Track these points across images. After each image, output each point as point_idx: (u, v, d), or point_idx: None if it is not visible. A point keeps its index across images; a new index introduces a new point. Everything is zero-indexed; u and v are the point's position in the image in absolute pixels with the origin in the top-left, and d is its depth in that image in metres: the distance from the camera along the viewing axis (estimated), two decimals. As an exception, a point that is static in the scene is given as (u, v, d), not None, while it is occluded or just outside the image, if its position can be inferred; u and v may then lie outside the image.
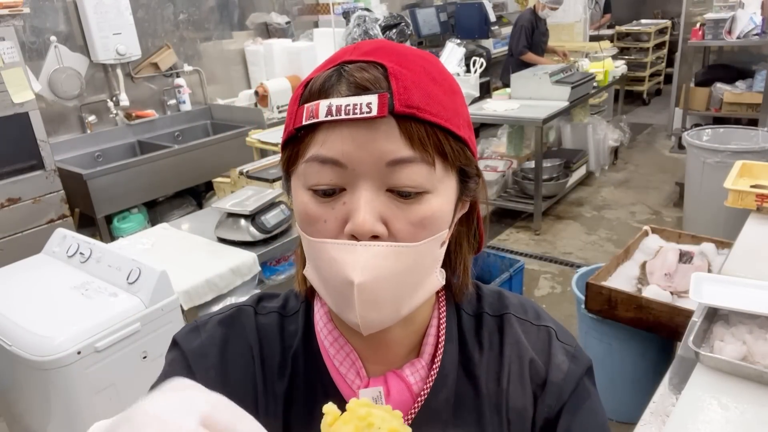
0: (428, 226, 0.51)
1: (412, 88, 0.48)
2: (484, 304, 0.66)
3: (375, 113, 0.47)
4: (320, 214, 0.51)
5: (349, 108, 0.48)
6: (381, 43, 0.53)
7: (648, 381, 2.08)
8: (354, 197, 0.49)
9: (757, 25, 4.75)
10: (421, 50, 0.56)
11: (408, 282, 0.52)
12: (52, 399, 1.57)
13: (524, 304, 0.67)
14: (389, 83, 0.48)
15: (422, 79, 0.50)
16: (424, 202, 0.50)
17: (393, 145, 0.48)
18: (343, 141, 0.48)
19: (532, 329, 0.65)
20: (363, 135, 0.48)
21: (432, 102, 0.49)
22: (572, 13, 6.34)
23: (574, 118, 5.11)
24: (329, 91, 0.49)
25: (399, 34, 2.67)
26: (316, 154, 0.49)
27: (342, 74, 0.50)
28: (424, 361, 0.60)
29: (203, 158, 3.50)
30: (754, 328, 1.36)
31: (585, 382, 0.63)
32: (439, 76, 0.53)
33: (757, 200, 2.01)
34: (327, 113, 0.48)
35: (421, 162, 0.49)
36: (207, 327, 0.63)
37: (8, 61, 2.71)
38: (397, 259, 0.50)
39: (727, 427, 1.13)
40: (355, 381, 0.59)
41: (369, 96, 0.47)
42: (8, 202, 2.81)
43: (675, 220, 4.17)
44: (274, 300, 0.67)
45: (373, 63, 0.50)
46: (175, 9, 3.97)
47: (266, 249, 2.04)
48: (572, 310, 3.03)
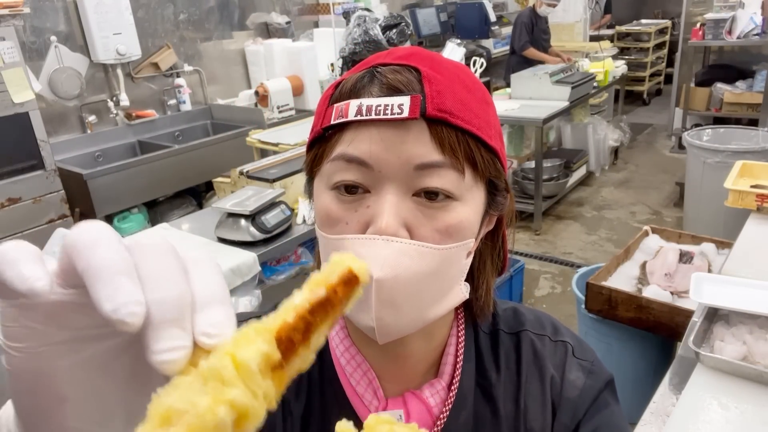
0: (454, 235, 0.49)
1: (445, 93, 0.47)
2: (499, 321, 0.64)
3: (406, 114, 0.46)
4: (342, 216, 0.49)
5: (380, 108, 0.46)
6: (415, 49, 0.53)
7: (648, 381, 2.08)
8: (378, 200, 0.48)
9: (758, 25, 4.75)
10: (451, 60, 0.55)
11: (430, 287, 0.49)
12: (52, 399, 1.57)
13: (541, 320, 0.66)
14: (422, 86, 0.47)
15: (455, 85, 0.49)
16: (450, 209, 0.48)
17: (423, 149, 0.47)
18: (371, 141, 0.47)
19: (550, 345, 0.63)
20: (392, 136, 0.47)
21: (464, 109, 0.48)
22: (572, 13, 6.34)
23: (574, 118, 5.11)
24: (360, 92, 0.49)
25: (399, 34, 2.67)
26: (343, 152, 0.48)
27: (375, 75, 0.49)
28: (443, 381, 0.58)
29: (203, 158, 3.50)
30: (754, 328, 1.36)
31: (604, 396, 0.62)
32: (473, 85, 0.52)
33: (757, 200, 2.01)
34: (357, 113, 0.47)
35: (450, 168, 0.47)
36: None
37: (8, 61, 2.71)
38: (421, 259, 0.47)
39: (727, 427, 1.13)
40: (372, 402, 0.57)
41: (401, 97, 0.46)
42: (8, 202, 2.81)
43: (675, 220, 4.17)
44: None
45: (407, 66, 0.49)
46: (175, 9, 3.97)
47: (266, 249, 2.03)
48: (572, 310, 3.03)
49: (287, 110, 3.98)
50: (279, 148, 2.94)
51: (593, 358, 0.64)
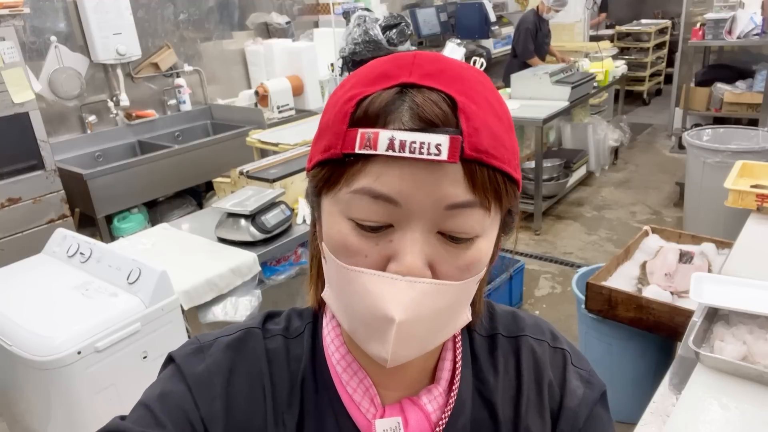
0: (473, 269, 0.48)
1: (481, 130, 0.45)
2: (497, 325, 0.63)
3: (445, 157, 0.43)
4: (361, 249, 0.46)
5: (415, 146, 0.43)
6: (441, 63, 0.48)
7: (648, 381, 2.08)
8: (404, 237, 0.46)
9: (758, 25, 4.75)
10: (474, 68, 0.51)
11: (443, 319, 0.49)
12: (52, 399, 1.57)
13: (540, 325, 0.65)
14: (458, 121, 0.44)
15: (489, 116, 0.46)
16: (473, 246, 0.47)
17: (455, 189, 0.44)
18: (402, 179, 0.44)
19: (549, 351, 0.63)
20: (425, 176, 0.44)
21: (498, 145, 0.46)
22: (572, 13, 6.34)
23: (574, 118, 5.11)
24: (390, 119, 0.44)
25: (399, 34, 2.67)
26: (370, 188, 0.45)
27: (405, 101, 0.44)
28: (441, 387, 0.58)
29: (203, 158, 3.50)
30: (754, 328, 1.36)
31: (599, 408, 0.62)
32: (501, 110, 0.49)
33: (757, 200, 2.01)
34: (388, 147, 0.43)
35: (479, 207, 0.46)
36: (212, 350, 0.58)
37: (8, 61, 2.71)
38: (441, 297, 0.47)
39: (727, 427, 1.13)
40: (369, 409, 0.56)
41: (439, 136, 0.43)
42: (8, 202, 2.81)
43: (675, 220, 4.17)
44: (276, 321, 0.62)
45: (440, 93, 0.45)
46: (175, 9, 3.97)
47: (266, 249, 2.04)
48: (572, 310, 3.03)
49: (287, 110, 3.98)
50: (279, 148, 2.94)
51: (589, 367, 0.64)
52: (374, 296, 0.46)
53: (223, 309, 1.89)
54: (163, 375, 0.58)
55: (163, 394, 0.55)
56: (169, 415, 0.53)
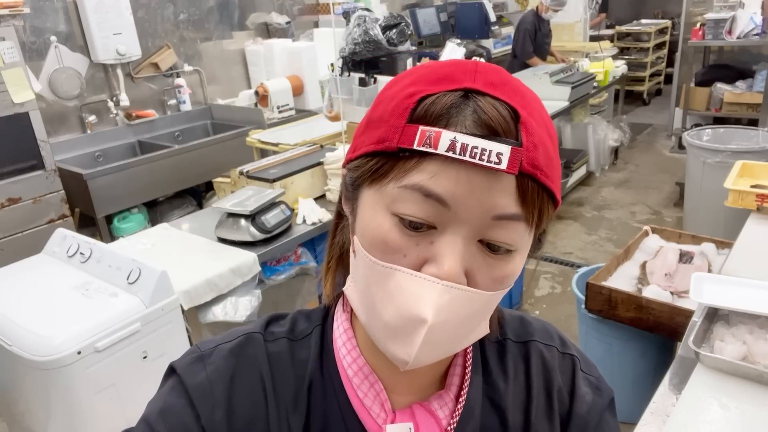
0: (505, 282, 0.48)
1: (539, 146, 0.45)
2: (507, 330, 0.63)
3: (504, 167, 0.42)
4: (402, 247, 0.46)
5: (476, 151, 0.42)
6: (503, 75, 0.48)
7: (648, 381, 2.08)
8: (445, 241, 0.45)
9: (758, 25, 4.75)
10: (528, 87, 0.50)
11: (467, 327, 0.49)
12: (52, 399, 1.57)
13: (548, 330, 0.65)
14: (518, 133, 0.44)
15: (544, 134, 0.46)
16: (510, 260, 0.48)
17: (506, 201, 0.44)
18: (457, 182, 0.43)
19: (558, 357, 0.63)
20: (481, 183, 0.43)
21: (551, 164, 0.46)
22: (572, 13, 6.34)
23: (574, 118, 5.11)
24: (452, 121, 0.44)
25: (399, 34, 2.66)
26: (423, 185, 0.44)
27: (469, 105, 0.44)
28: (451, 393, 0.58)
29: (203, 158, 3.50)
30: (754, 328, 1.36)
31: (607, 414, 0.62)
32: (552, 130, 0.48)
33: (757, 200, 2.02)
34: (449, 148, 0.43)
35: (524, 221, 0.46)
36: (212, 358, 0.57)
37: (8, 61, 2.71)
38: (470, 304, 0.47)
39: (727, 427, 1.13)
40: (380, 414, 0.55)
41: (501, 145, 0.43)
42: (8, 202, 2.81)
43: (675, 220, 4.17)
44: (281, 324, 0.61)
45: (504, 103, 0.45)
46: (175, 9, 3.97)
47: (266, 249, 2.03)
48: (572, 310, 3.03)
49: (287, 110, 3.98)
50: (279, 148, 2.94)
51: (598, 373, 0.64)
52: (408, 296, 0.45)
53: (223, 309, 1.89)
54: (164, 387, 0.58)
55: (164, 410, 0.55)
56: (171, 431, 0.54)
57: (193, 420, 0.54)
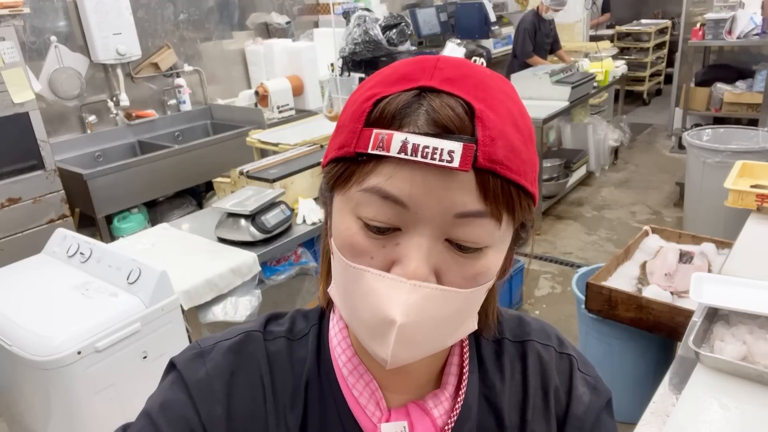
0: (480, 280, 0.48)
1: (497, 139, 0.44)
2: (504, 329, 0.63)
3: (456, 165, 0.42)
4: (368, 249, 0.46)
5: (428, 151, 0.42)
6: (465, 69, 0.47)
7: (648, 381, 2.08)
8: (410, 242, 0.45)
9: (758, 25, 4.75)
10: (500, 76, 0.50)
11: (448, 325, 0.49)
12: (52, 399, 1.57)
13: (546, 330, 0.65)
14: (474, 128, 0.43)
15: (507, 125, 0.45)
16: (481, 257, 0.47)
17: (466, 198, 0.44)
18: (412, 183, 0.43)
19: (556, 356, 0.63)
20: (436, 182, 0.43)
21: (514, 156, 0.45)
22: (572, 13, 6.34)
23: (574, 118, 5.11)
24: (405, 122, 0.44)
25: (399, 34, 2.66)
26: (379, 187, 0.44)
27: (422, 104, 0.44)
28: (447, 392, 0.57)
29: (203, 158, 3.50)
30: (754, 328, 1.36)
31: (605, 415, 0.62)
32: (521, 121, 0.47)
33: (757, 200, 2.01)
34: (401, 149, 0.43)
35: (490, 217, 0.45)
36: (212, 354, 0.58)
37: (8, 61, 2.71)
38: (445, 303, 0.46)
39: (727, 427, 1.13)
40: (375, 413, 0.55)
41: (452, 143, 0.42)
42: (8, 202, 2.81)
43: (675, 220, 4.17)
44: (280, 323, 0.62)
45: (458, 98, 0.44)
46: (175, 9, 3.97)
47: (266, 249, 2.04)
48: (572, 310, 3.03)
49: (287, 110, 3.98)
50: (279, 148, 2.94)
51: (595, 374, 0.64)
52: (377, 297, 0.45)
53: (223, 309, 1.89)
54: (165, 382, 0.58)
55: (165, 404, 0.55)
56: (171, 425, 0.54)
57: (194, 414, 0.54)
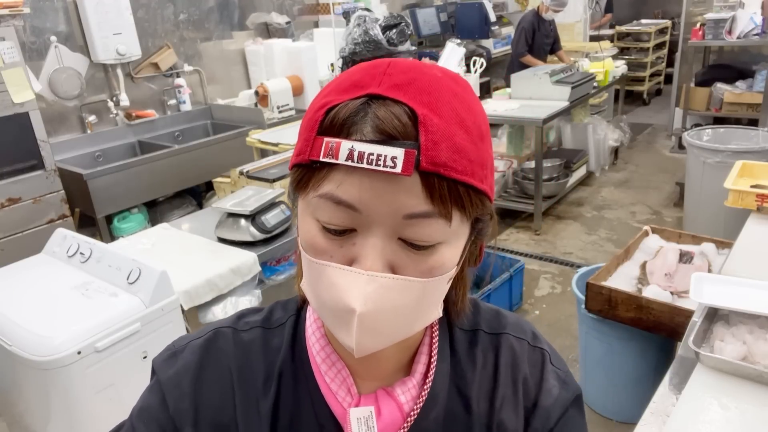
0: (435, 273, 0.50)
1: (441, 143, 0.45)
2: (480, 321, 0.65)
3: (399, 170, 0.44)
4: (327, 249, 0.49)
5: (373, 158, 0.44)
6: (413, 73, 0.48)
7: (648, 381, 2.08)
8: (365, 242, 0.48)
9: (758, 25, 4.75)
10: (452, 76, 0.51)
11: (410, 314, 0.51)
12: (52, 399, 1.57)
13: (521, 324, 0.67)
14: (417, 134, 0.45)
15: (452, 127, 0.46)
16: (435, 252, 0.49)
17: (413, 200, 0.46)
18: (361, 188, 0.46)
19: (528, 349, 0.64)
20: (382, 186, 0.45)
21: (459, 157, 0.46)
22: (572, 13, 6.34)
23: (574, 118, 5.11)
24: (351, 130, 0.46)
25: (399, 34, 2.67)
26: (331, 193, 0.47)
27: (368, 112, 0.46)
28: (415, 380, 0.60)
29: (203, 158, 3.50)
30: (754, 328, 1.36)
31: (573, 409, 0.63)
32: (470, 119, 0.48)
33: (758, 200, 2.01)
34: (348, 157, 0.45)
35: (438, 217, 0.47)
36: (184, 353, 0.62)
37: (8, 61, 2.71)
38: (403, 292, 0.48)
39: (727, 427, 1.13)
40: (345, 398, 0.58)
41: (395, 149, 0.44)
42: (8, 202, 2.81)
43: (675, 220, 4.17)
44: (256, 314, 0.65)
45: (403, 105, 0.46)
46: (175, 9, 3.97)
47: (266, 249, 2.04)
48: (572, 310, 3.03)
49: (287, 110, 3.98)
50: (279, 148, 2.94)
51: (567, 369, 0.66)
52: (338, 288, 0.48)
53: (223, 309, 1.89)
54: (148, 386, 0.63)
55: (142, 409, 0.61)
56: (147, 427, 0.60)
57: (164, 412, 0.59)
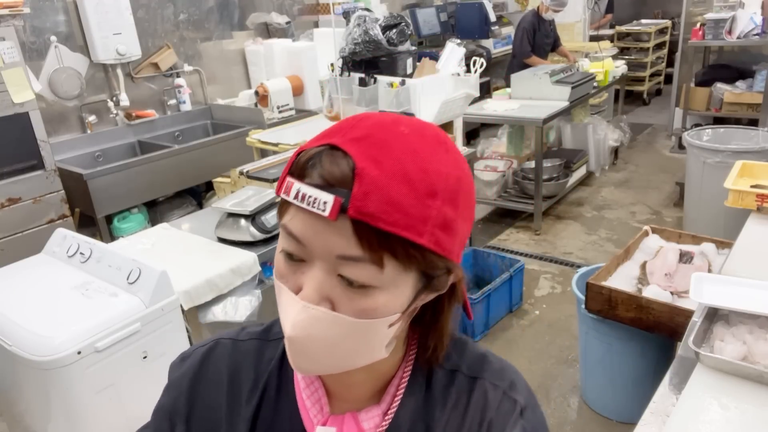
0: (371, 315, 0.52)
1: (372, 194, 0.48)
2: (462, 362, 0.65)
3: (327, 214, 0.48)
4: (285, 273, 0.55)
5: (311, 200, 0.49)
6: (374, 129, 0.52)
7: (648, 381, 2.08)
8: (309, 273, 0.52)
9: (758, 25, 4.75)
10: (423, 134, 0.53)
11: (343, 348, 0.54)
12: (52, 399, 1.57)
13: (504, 372, 0.65)
14: (353, 185, 0.49)
15: (392, 181, 0.49)
16: (369, 295, 0.52)
17: (344, 242, 0.49)
18: (304, 224, 0.51)
19: (501, 396, 0.63)
20: (319, 226, 0.50)
21: (392, 210, 0.48)
22: (572, 13, 6.34)
23: (574, 118, 5.11)
24: (305, 174, 0.51)
25: (399, 34, 2.66)
26: (285, 225, 0.53)
27: (320, 160, 0.51)
28: (380, 409, 0.62)
29: (203, 158, 3.49)
30: (754, 328, 1.36)
31: None
32: (419, 176, 0.50)
33: (757, 200, 2.01)
34: (295, 196, 0.51)
35: (368, 262, 0.50)
36: (190, 359, 0.70)
37: (8, 61, 2.71)
38: (332, 326, 0.52)
39: (727, 427, 1.13)
40: (317, 416, 0.63)
41: (328, 195, 0.49)
42: (8, 202, 2.81)
43: (675, 220, 4.17)
44: (258, 326, 0.71)
45: (348, 157, 0.50)
46: (175, 9, 3.97)
47: (266, 249, 2.04)
48: (572, 310, 3.03)
49: (287, 110, 3.98)
50: (279, 148, 2.94)
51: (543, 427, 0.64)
52: (283, 310, 0.54)
53: (223, 309, 1.89)
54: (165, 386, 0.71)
55: (156, 408, 0.70)
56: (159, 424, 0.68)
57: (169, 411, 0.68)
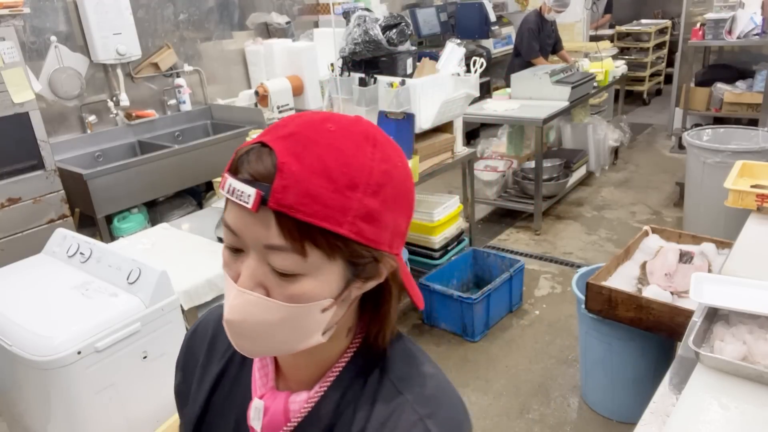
0: (300, 300, 0.56)
1: (292, 187, 0.51)
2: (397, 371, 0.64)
3: (250, 206, 0.52)
4: (228, 263, 0.59)
5: (239, 194, 0.53)
6: (302, 128, 0.55)
7: (648, 381, 2.08)
8: (245, 262, 0.57)
9: (758, 25, 4.75)
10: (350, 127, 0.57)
11: (279, 331, 0.57)
12: (52, 399, 1.57)
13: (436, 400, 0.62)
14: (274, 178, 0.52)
15: (312, 175, 0.52)
16: (296, 281, 0.55)
17: (268, 233, 0.53)
18: (236, 217, 0.55)
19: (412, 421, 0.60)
20: (246, 217, 0.54)
21: (309, 202, 0.52)
22: (572, 13, 6.34)
23: (574, 118, 5.11)
24: (237, 169, 0.55)
25: (399, 34, 2.66)
26: (224, 218, 0.58)
27: (249, 155, 0.55)
28: (307, 394, 0.65)
29: (203, 158, 3.49)
30: (754, 328, 1.36)
31: None
32: (340, 169, 0.53)
33: (758, 200, 2.01)
34: (227, 191, 0.55)
35: (291, 251, 0.53)
36: (195, 324, 0.83)
37: (8, 61, 2.71)
38: (266, 311, 0.56)
39: (727, 427, 1.13)
40: (261, 388, 0.68)
41: (251, 188, 0.52)
42: (8, 202, 2.81)
43: (675, 220, 4.17)
44: None
45: (273, 153, 0.53)
46: (175, 9, 3.97)
47: (266, 249, 2.03)
48: (572, 310, 3.03)
49: (287, 110, 3.98)
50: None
51: None
52: (226, 295, 0.59)
53: (223, 309, 1.89)
54: None
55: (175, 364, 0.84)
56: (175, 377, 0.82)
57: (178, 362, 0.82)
